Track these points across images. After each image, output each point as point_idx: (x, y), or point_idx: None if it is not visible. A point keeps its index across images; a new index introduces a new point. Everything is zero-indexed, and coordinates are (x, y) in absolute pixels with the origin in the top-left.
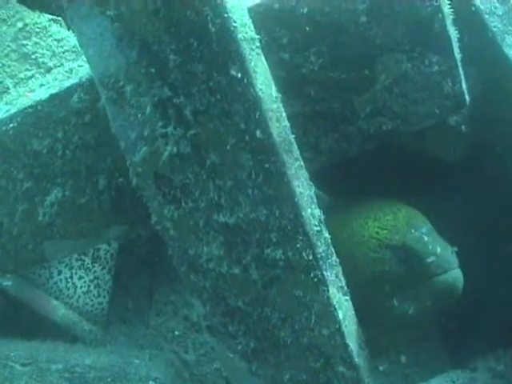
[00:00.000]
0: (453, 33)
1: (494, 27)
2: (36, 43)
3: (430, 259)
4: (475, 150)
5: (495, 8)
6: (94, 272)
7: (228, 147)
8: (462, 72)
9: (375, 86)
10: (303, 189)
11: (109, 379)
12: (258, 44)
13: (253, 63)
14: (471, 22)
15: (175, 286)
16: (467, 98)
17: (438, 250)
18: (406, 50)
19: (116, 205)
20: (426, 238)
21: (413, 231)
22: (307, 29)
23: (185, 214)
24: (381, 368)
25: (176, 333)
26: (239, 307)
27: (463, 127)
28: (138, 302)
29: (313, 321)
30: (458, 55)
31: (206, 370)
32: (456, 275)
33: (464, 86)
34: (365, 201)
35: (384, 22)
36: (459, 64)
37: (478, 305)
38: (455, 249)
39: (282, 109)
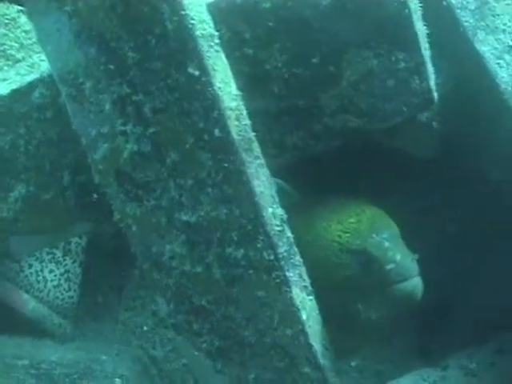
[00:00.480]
0: (421, 28)
1: (466, 22)
2: (4, 35)
3: (390, 266)
4: (449, 147)
5: (467, 2)
6: (65, 265)
7: (187, 146)
8: (430, 69)
9: (341, 83)
10: (264, 188)
11: (75, 376)
12: (218, 41)
13: (211, 61)
14: (442, 16)
15: (144, 281)
16: (435, 95)
17: (398, 257)
18: (372, 46)
19: (80, 201)
20: (386, 244)
21: (374, 236)
22: (270, 24)
23: (147, 212)
24: (353, 364)
25: (144, 328)
26: (203, 306)
27: (434, 124)
28: (107, 297)
29: (276, 321)
30: (426, 51)
31: (174, 366)
32: (415, 284)
33: (432, 83)
34: (331, 200)
35: (349, 18)
36: (427, 61)
37: (451, 302)
38: (416, 256)
39: (243, 107)
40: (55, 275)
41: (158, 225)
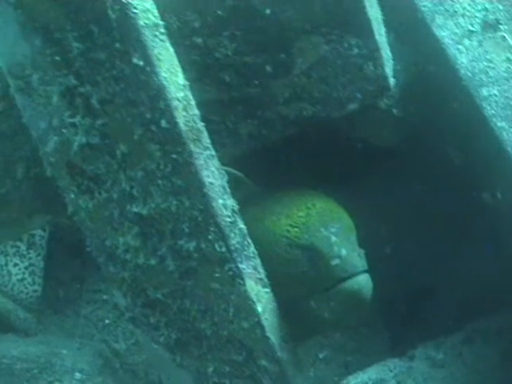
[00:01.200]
0: (375, 14)
1: (424, 7)
2: None
3: (335, 262)
4: (410, 134)
5: None
6: (29, 259)
7: (136, 137)
8: (385, 55)
9: (293, 71)
10: (214, 179)
11: (35, 371)
12: (163, 30)
13: (156, 50)
14: (400, 1)
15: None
16: (391, 81)
17: (343, 252)
18: (323, 32)
19: (37, 194)
20: (333, 239)
21: (322, 230)
22: (219, 12)
23: (99, 205)
24: (321, 356)
25: (106, 321)
26: (159, 299)
27: (395, 111)
28: (68, 290)
29: (231, 314)
30: (381, 37)
31: (137, 359)
32: (362, 282)
33: (387, 69)
34: (283, 193)
35: (299, 4)
36: (382, 46)
37: (419, 292)
38: (363, 251)
39: (191, 97)
40: (19, 269)
41: (110, 217)
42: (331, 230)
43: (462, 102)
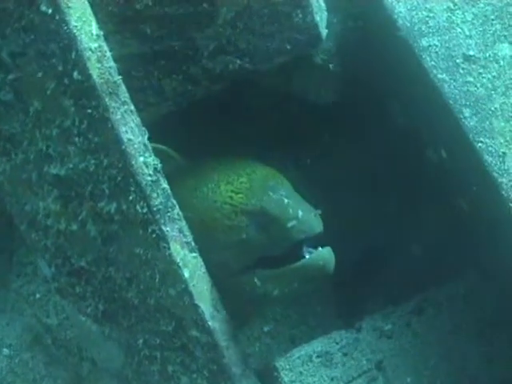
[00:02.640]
0: None
1: None
2: None
3: (291, 224)
4: (349, 91)
5: None
6: None
7: (49, 92)
8: (316, 3)
9: (217, 21)
10: (133, 135)
11: None
12: None
13: None
14: None
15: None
16: (323, 31)
17: (300, 213)
18: None
19: None
20: (285, 201)
21: (270, 194)
22: None
23: (16, 167)
24: (265, 329)
25: (37, 296)
26: (83, 267)
27: (331, 66)
28: None
29: (157, 280)
30: None
31: (69, 334)
32: (326, 257)
33: (318, 18)
34: (219, 162)
35: None
36: None
37: (367, 262)
38: (319, 211)
39: (106, 48)
40: None
41: (29, 180)
42: (281, 192)
43: (400, 54)
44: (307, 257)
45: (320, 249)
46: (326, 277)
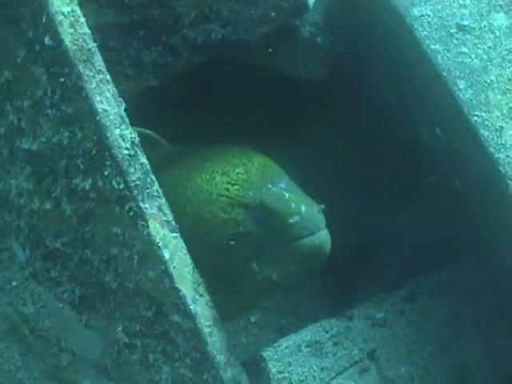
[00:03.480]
0: None
1: None
2: None
3: (294, 220)
4: (338, 67)
5: None
6: None
7: (19, 60)
8: None
9: None
10: (109, 106)
11: None
12: None
13: None
14: None
15: None
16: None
17: (303, 208)
18: None
19: None
20: (286, 195)
21: (270, 186)
22: None
23: None
24: (252, 319)
25: (13, 283)
26: (58, 249)
27: (319, 39)
28: None
29: (136, 262)
30: None
31: (47, 324)
32: (323, 238)
33: None
34: (211, 149)
35: None
36: None
37: (358, 248)
38: (322, 206)
39: (80, 13)
40: None
41: (0, 157)
42: (280, 185)
43: (391, 25)
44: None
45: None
46: (322, 258)
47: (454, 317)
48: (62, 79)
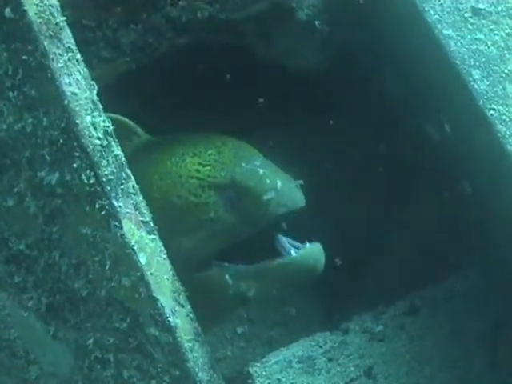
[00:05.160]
0: None
1: None
2: None
3: (268, 196)
4: (338, 54)
5: None
6: None
7: None
8: None
9: None
10: (79, 89)
11: None
12: None
13: None
14: None
15: None
16: None
17: (278, 183)
18: None
19: None
20: (260, 171)
21: (243, 164)
22: None
23: None
24: (239, 331)
25: None
26: (22, 251)
27: (317, 23)
28: None
29: (108, 267)
30: None
31: (13, 333)
32: (317, 254)
33: None
34: (186, 136)
35: None
36: None
37: (356, 257)
38: (300, 182)
39: None
40: None
41: None
42: (255, 163)
43: (399, 7)
44: (294, 254)
45: (308, 244)
46: (313, 279)
47: (457, 330)
48: (25, 57)
